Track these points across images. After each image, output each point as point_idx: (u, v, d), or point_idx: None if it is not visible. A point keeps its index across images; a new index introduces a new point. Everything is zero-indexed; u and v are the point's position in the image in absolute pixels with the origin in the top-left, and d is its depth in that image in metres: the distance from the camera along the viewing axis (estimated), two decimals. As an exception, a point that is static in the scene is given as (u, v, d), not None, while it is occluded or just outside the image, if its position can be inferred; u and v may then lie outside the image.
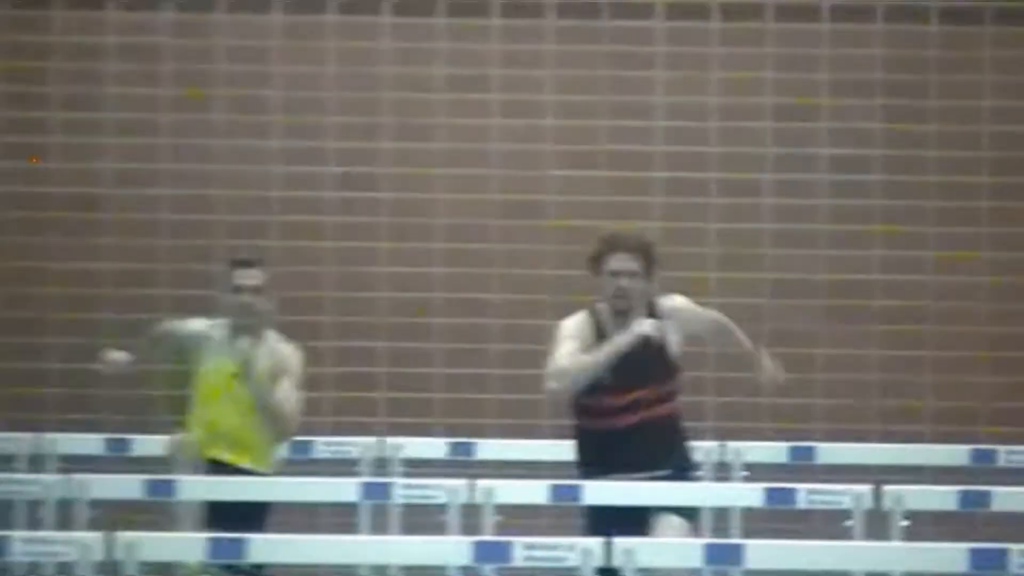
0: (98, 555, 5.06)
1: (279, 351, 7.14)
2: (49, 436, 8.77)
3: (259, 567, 6.12)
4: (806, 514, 7.33)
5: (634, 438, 6.70)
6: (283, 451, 7.48)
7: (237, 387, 7.03)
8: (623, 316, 6.70)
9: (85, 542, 5.07)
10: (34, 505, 7.01)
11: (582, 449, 6.83)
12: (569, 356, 6.64)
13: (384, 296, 10.50)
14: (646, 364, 6.69)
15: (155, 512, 7.28)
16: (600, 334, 6.70)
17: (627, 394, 6.71)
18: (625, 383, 6.68)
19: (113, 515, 6.44)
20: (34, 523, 6.87)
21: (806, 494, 6.93)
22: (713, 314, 7.05)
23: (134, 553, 5.01)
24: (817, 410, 10.45)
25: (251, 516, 6.65)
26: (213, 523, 6.65)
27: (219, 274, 7.46)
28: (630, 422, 6.71)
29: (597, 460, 6.77)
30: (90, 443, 8.79)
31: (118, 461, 8.52)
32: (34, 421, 9.53)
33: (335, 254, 10.49)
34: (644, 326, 6.61)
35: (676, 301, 6.88)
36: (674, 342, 6.80)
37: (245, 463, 7.11)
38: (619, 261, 6.70)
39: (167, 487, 6.31)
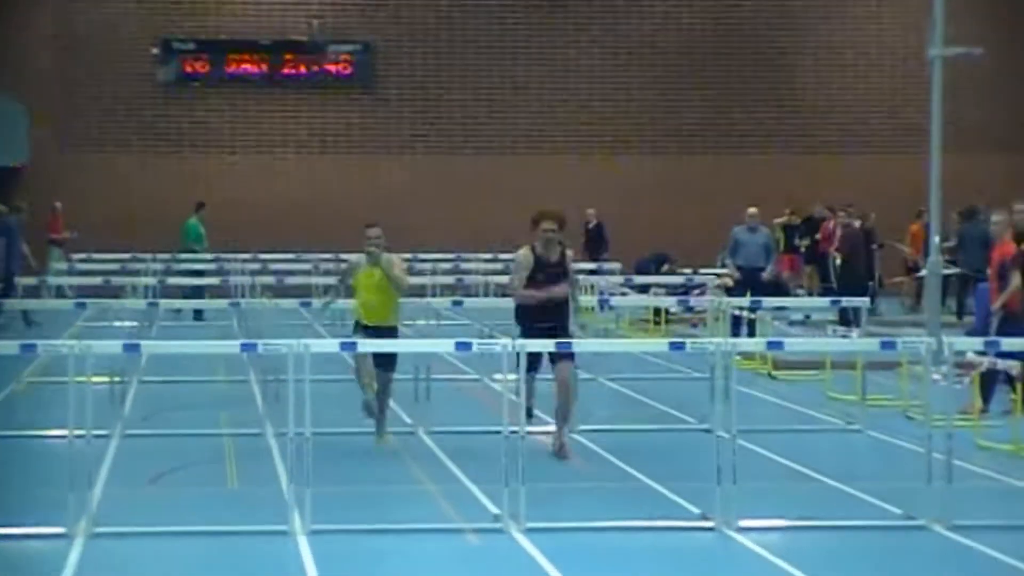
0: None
1: (390, 257, 14.64)
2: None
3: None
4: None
5: (549, 305, 13.75)
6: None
7: (377, 279, 14.59)
8: (547, 251, 13.93)
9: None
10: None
11: (524, 308, 13.73)
12: (519, 282, 13.62)
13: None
14: (557, 274, 13.83)
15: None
16: (537, 259, 13.75)
17: (549, 285, 13.68)
18: (548, 281, 13.75)
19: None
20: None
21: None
22: (573, 266, 14.10)
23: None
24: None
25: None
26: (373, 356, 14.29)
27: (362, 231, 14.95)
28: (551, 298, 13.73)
29: (532, 314, 13.68)
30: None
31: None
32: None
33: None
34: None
35: (568, 251, 13.80)
36: (568, 266, 13.85)
37: (385, 322, 14.70)
38: (547, 223, 13.98)
39: (352, 346, 12.60)
